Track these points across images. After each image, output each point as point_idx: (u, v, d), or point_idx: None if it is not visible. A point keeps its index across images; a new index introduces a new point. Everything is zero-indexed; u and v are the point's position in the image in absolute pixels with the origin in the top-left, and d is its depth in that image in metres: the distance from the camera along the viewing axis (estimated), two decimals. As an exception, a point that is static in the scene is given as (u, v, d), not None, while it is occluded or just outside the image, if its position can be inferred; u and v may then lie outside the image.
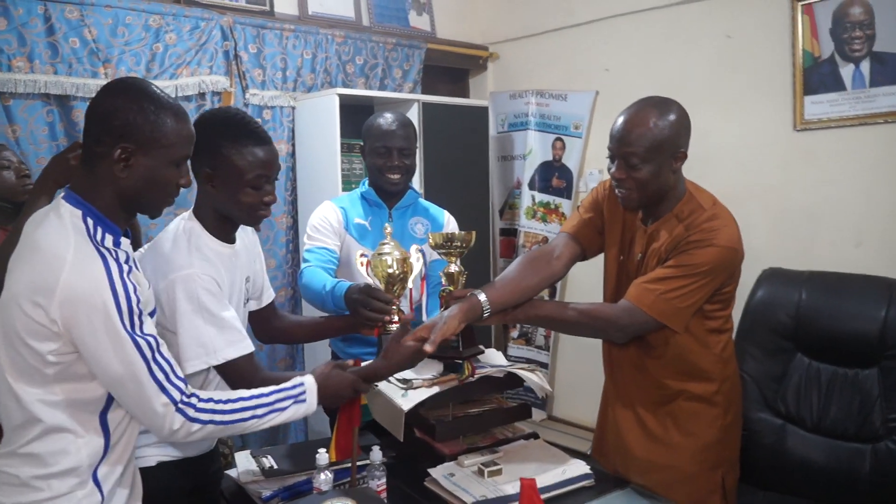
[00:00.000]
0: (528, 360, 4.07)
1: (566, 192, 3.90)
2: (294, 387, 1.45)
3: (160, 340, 1.28)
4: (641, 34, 3.51)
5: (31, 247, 1.24)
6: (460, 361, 1.80)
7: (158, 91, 1.32)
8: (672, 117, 1.71)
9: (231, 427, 1.35)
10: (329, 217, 2.21)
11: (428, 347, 1.56)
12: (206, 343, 1.50)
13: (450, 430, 1.85)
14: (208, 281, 1.53)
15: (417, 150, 3.36)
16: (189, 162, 1.39)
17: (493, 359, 2.02)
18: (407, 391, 1.77)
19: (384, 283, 1.74)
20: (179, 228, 1.60)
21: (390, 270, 1.71)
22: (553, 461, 1.79)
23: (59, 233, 1.23)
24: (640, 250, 1.83)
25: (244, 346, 1.55)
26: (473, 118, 3.73)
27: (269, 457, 1.83)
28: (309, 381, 1.47)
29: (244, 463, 1.83)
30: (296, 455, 1.85)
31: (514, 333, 4.12)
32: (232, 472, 1.80)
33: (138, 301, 1.24)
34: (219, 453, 1.80)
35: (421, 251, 1.92)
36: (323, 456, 1.60)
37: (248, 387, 1.43)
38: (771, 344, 2.25)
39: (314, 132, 3.28)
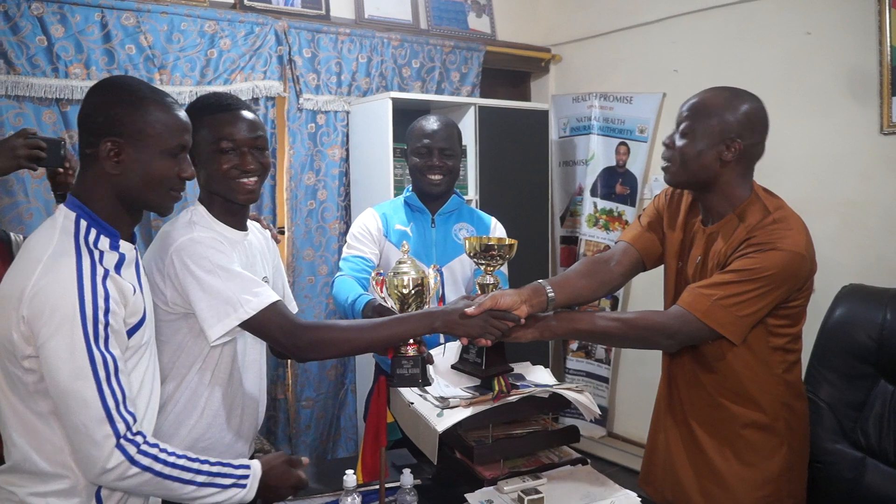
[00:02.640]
0: (588, 374, 3.91)
1: (630, 198, 3.73)
2: (239, 467, 1.32)
3: (120, 366, 1.18)
4: (712, 32, 3.32)
5: (21, 251, 1.23)
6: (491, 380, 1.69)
7: (140, 83, 1.29)
8: (741, 105, 1.63)
9: (166, 484, 1.21)
10: (368, 225, 2.15)
11: (470, 310, 1.50)
12: (231, 298, 1.38)
13: (489, 452, 1.73)
14: (211, 241, 1.44)
15: (473, 155, 3.33)
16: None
17: (539, 377, 1.90)
18: (443, 410, 1.67)
19: (398, 304, 1.65)
20: (182, 214, 1.55)
21: (405, 290, 1.62)
22: (600, 491, 1.66)
23: (46, 234, 1.21)
24: (700, 253, 1.69)
25: (272, 294, 1.45)
26: (533, 122, 3.61)
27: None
28: (255, 468, 1.34)
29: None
30: (325, 474, 1.77)
31: (574, 346, 3.96)
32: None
33: (107, 311, 1.16)
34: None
35: (439, 270, 1.82)
36: (350, 477, 1.52)
37: (288, 341, 1.39)
38: (850, 368, 2.03)
39: (368, 137, 3.23)
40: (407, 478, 1.57)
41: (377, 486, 1.58)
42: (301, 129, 3.20)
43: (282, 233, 3.23)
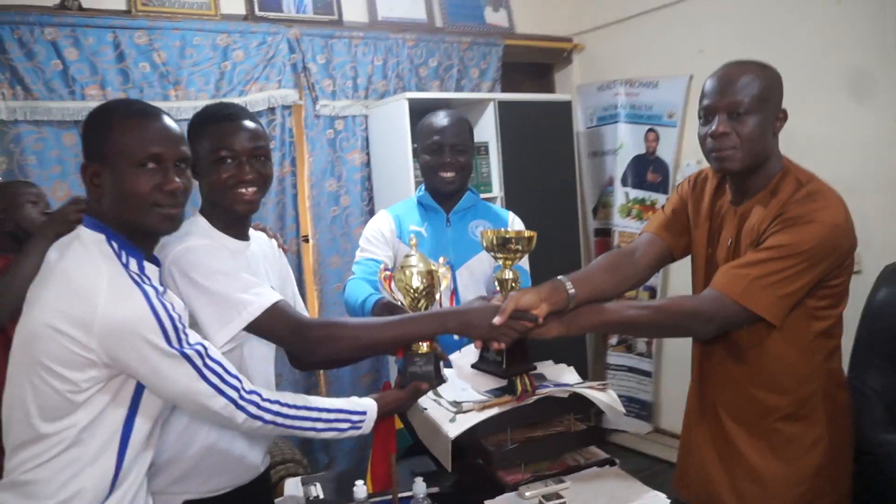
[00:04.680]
0: (630, 369, 3.79)
1: (662, 186, 3.60)
2: (355, 412, 1.42)
3: (206, 344, 1.26)
4: (737, 8, 3.19)
5: (58, 276, 1.20)
6: (514, 379, 1.62)
7: (118, 103, 1.29)
8: (772, 72, 1.55)
9: (291, 431, 1.36)
10: (381, 227, 2.11)
11: (497, 319, 1.44)
12: (233, 302, 1.37)
13: (509, 456, 1.66)
14: (207, 247, 1.42)
15: (496, 152, 3.26)
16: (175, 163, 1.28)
17: (562, 376, 1.83)
18: (456, 415, 1.61)
19: (409, 299, 1.59)
20: (182, 227, 1.52)
21: (416, 284, 1.56)
22: (627, 493, 1.58)
23: (88, 260, 1.20)
24: (731, 234, 1.59)
25: (274, 294, 1.43)
26: (556, 114, 3.52)
27: (318, 484, 1.73)
28: (371, 412, 1.43)
29: (291, 489, 1.73)
30: (344, 483, 1.73)
31: (613, 340, 3.85)
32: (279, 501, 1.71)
33: (180, 317, 1.22)
34: (267, 481, 1.69)
35: (449, 263, 1.76)
36: (361, 488, 1.48)
37: (295, 338, 1.41)
38: (897, 353, 1.90)
39: (387, 139, 3.19)
40: (420, 486, 1.51)
41: (390, 497, 1.53)
42: (320, 136, 3.18)
43: (306, 241, 3.22)
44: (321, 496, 1.67)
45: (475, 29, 3.68)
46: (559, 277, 1.54)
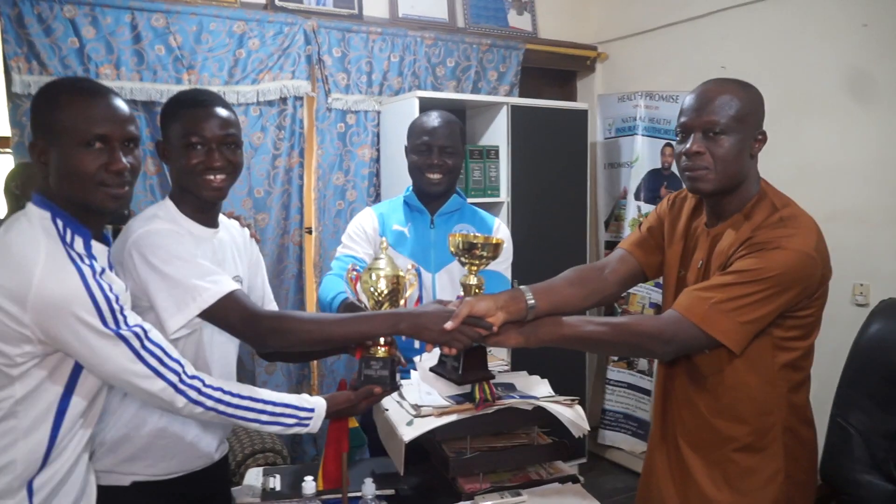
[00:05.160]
0: (630, 386, 3.73)
1: (675, 203, 3.53)
2: (303, 409, 1.41)
3: (147, 327, 1.26)
4: (763, 26, 3.12)
5: (1, 250, 1.21)
6: (473, 387, 1.60)
7: (67, 80, 1.29)
8: (754, 92, 1.50)
9: (233, 420, 1.35)
10: (364, 224, 2.09)
11: (448, 324, 1.42)
12: (189, 287, 1.37)
13: (466, 465, 1.64)
14: (169, 232, 1.42)
15: (506, 156, 3.23)
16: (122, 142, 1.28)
17: (533, 388, 1.80)
18: (413, 419, 1.59)
19: (372, 302, 1.58)
20: (148, 209, 1.52)
21: (381, 288, 1.55)
22: (582, 513, 1.54)
23: (30, 236, 1.20)
24: (703, 256, 1.55)
25: (231, 282, 1.43)
26: (571, 123, 3.48)
27: (278, 476, 1.73)
28: (319, 409, 1.43)
29: (251, 479, 1.73)
30: (302, 478, 1.73)
31: (615, 356, 3.80)
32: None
33: (117, 298, 1.21)
34: (223, 470, 1.70)
35: (417, 270, 1.74)
36: (310, 484, 1.48)
37: (246, 329, 1.41)
38: (884, 393, 1.85)
39: (397, 137, 3.17)
40: (369, 487, 1.50)
41: (340, 495, 1.53)
42: (330, 129, 3.20)
43: (309, 233, 3.24)
44: (277, 488, 1.67)
45: (497, 31, 3.66)
46: (521, 287, 1.52)
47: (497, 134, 3.30)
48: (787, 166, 2.94)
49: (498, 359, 1.96)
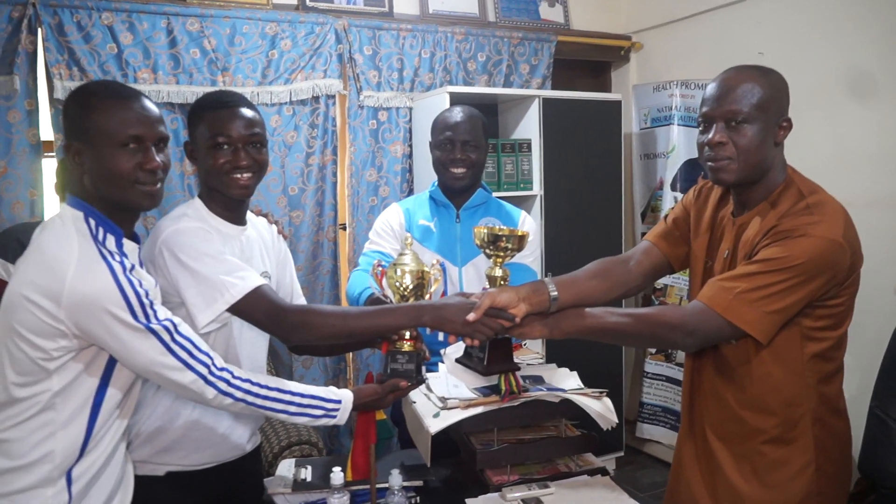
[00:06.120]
0: (668, 379, 3.68)
1: (712, 193, 3.47)
2: (330, 401, 1.44)
3: (176, 321, 1.29)
4: (799, 10, 3.04)
5: (35, 249, 1.27)
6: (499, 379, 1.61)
7: (100, 84, 1.33)
8: (776, 78, 1.47)
9: (262, 411, 1.38)
10: (391, 220, 2.12)
11: (471, 316, 1.43)
12: (217, 283, 1.41)
13: (494, 457, 1.65)
14: (197, 230, 1.46)
15: (538, 149, 3.22)
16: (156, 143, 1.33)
17: (561, 380, 1.80)
18: (440, 411, 1.61)
19: (397, 297, 1.60)
20: (177, 208, 1.57)
21: (406, 283, 1.57)
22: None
23: (63, 235, 1.26)
24: (729, 246, 1.53)
25: (257, 278, 1.47)
26: (605, 114, 3.45)
27: (309, 467, 1.76)
28: (346, 402, 1.45)
29: (284, 470, 1.77)
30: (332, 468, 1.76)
31: (652, 349, 3.75)
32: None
33: (147, 293, 1.25)
34: (255, 461, 1.74)
35: (442, 265, 1.75)
36: (338, 475, 1.50)
37: (272, 323, 1.44)
38: (927, 383, 1.78)
39: (429, 133, 3.19)
40: (396, 478, 1.52)
41: (368, 486, 1.55)
42: (362, 126, 3.23)
43: (343, 229, 3.28)
44: (308, 479, 1.70)
45: (529, 24, 3.64)
46: (544, 279, 1.52)
47: (529, 127, 3.29)
48: (827, 153, 2.86)
49: (532, 352, 1.96)
